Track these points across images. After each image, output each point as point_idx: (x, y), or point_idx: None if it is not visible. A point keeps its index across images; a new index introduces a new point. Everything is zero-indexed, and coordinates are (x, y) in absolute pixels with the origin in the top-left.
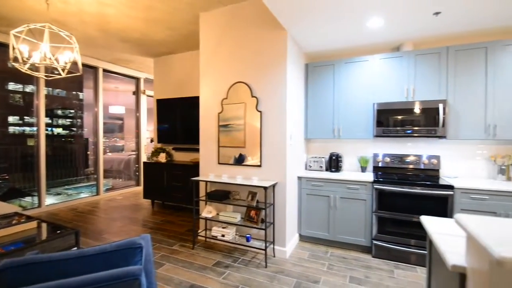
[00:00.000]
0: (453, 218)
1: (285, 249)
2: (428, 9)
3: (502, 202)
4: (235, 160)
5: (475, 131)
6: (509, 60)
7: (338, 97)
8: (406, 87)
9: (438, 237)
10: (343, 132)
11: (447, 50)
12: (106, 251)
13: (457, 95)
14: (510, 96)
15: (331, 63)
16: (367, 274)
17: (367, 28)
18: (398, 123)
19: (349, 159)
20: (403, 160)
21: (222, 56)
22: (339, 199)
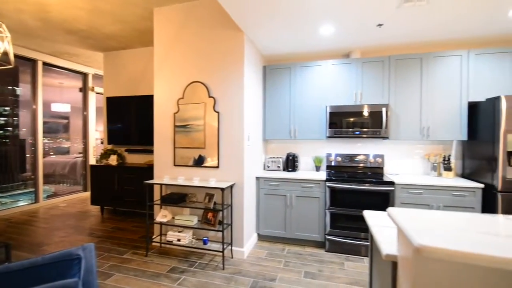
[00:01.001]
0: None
1: (243, 249)
2: (372, 21)
3: (434, 196)
4: (194, 162)
5: (412, 132)
6: (440, 70)
7: (294, 100)
8: (354, 92)
9: (376, 230)
10: (299, 133)
11: (389, 59)
12: (37, 264)
13: (397, 100)
14: (440, 102)
15: (288, 66)
16: (321, 268)
17: (320, 34)
18: (348, 125)
19: (305, 159)
20: (353, 159)
21: (178, 54)
22: (295, 198)
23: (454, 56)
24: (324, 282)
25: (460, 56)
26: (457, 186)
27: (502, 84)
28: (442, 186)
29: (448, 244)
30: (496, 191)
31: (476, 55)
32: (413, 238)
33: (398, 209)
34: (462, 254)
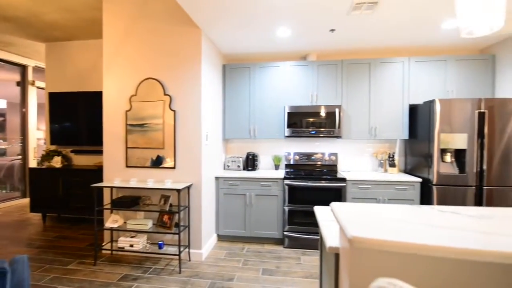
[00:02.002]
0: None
1: (202, 251)
2: (325, 26)
3: (380, 190)
4: (152, 162)
5: (362, 132)
6: (385, 75)
7: (253, 99)
8: (311, 93)
9: (323, 224)
10: (258, 132)
11: (342, 63)
12: None
13: (349, 101)
14: (386, 104)
15: (247, 66)
16: (278, 265)
17: (277, 36)
18: (305, 125)
19: (265, 158)
20: (310, 157)
21: (131, 48)
22: (255, 197)
23: (397, 62)
24: (281, 278)
25: (402, 63)
26: (399, 181)
27: (438, 88)
28: (387, 181)
29: (378, 235)
30: (432, 184)
31: (416, 62)
32: (347, 230)
33: (340, 203)
34: (389, 243)
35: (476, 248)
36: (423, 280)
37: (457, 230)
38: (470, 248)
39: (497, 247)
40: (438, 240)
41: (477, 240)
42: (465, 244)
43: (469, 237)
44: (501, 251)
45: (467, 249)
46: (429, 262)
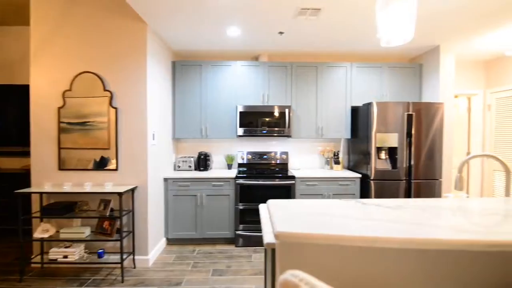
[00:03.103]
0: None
1: (148, 257)
2: (274, 28)
3: (326, 186)
4: (96, 164)
5: (310, 131)
6: (331, 78)
7: (205, 98)
8: (262, 93)
9: (264, 221)
10: (210, 132)
11: (291, 65)
12: None
13: (298, 102)
14: (331, 106)
15: (199, 64)
16: (229, 264)
17: (228, 35)
18: (257, 124)
19: (218, 157)
20: (262, 156)
21: (65, 38)
22: (206, 197)
23: (341, 67)
24: (231, 277)
25: (346, 68)
26: (342, 177)
27: (375, 92)
28: (331, 178)
29: (302, 229)
30: (370, 180)
31: (357, 68)
32: (274, 225)
33: (275, 201)
34: (311, 235)
35: (388, 236)
36: (347, 270)
37: (375, 221)
38: (381, 236)
39: (407, 234)
40: (356, 231)
41: (390, 229)
42: (379, 233)
43: (384, 226)
44: (410, 237)
45: (378, 237)
46: (352, 252)
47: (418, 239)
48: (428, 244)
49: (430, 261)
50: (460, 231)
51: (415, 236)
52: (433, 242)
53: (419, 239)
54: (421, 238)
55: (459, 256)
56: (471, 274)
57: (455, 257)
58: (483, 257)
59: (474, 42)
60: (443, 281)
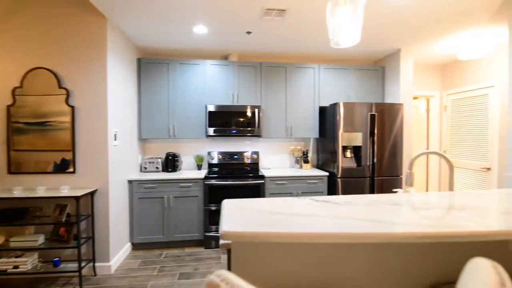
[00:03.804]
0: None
1: (110, 263)
2: (242, 28)
3: (295, 184)
4: (56, 167)
5: (279, 131)
6: (299, 79)
7: (173, 97)
8: (232, 93)
9: None
10: (178, 131)
11: (261, 65)
12: None
13: (268, 102)
14: (300, 106)
15: (166, 62)
16: (197, 267)
17: (195, 33)
18: (226, 124)
19: (187, 158)
20: (232, 156)
21: (14, 30)
22: (173, 199)
23: (309, 68)
24: (198, 280)
25: (314, 69)
26: (311, 175)
27: (342, 93)
28: (300, 176)
29: (250, 227)
30: (337, 177)
31: (324, 69)
32: (222, 224)
33: (231, 200)
34: (257, 234)
35: (332, 232)
36: (298, 266)
37: (321, 217)
38: (321, 232)
39: (348, 229)
40: (302, 228)
41: (333, 225)
42: (320, 228)
43: (328, 222)
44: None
45: (319, 233)
46: (304, 249)
47: (358, 233)
48: (368, 238)
49: (378, 254)
50: (399, 224)
51: (353, 231)
52: (372, 236)
53: (358, 234)
54: (361, 232)
55: (402, 248)
56: (413, 265)
57: (398, 249)
58: (426, 249)
59: (431, 46)
60: (390, 273)
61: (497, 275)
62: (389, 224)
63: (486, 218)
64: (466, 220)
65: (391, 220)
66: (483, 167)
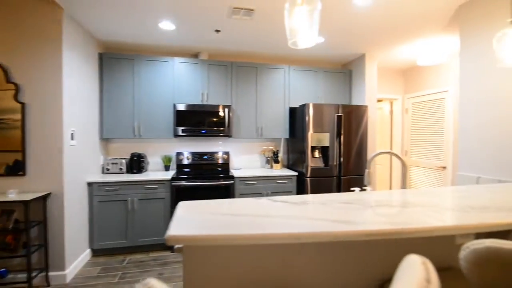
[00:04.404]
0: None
1: (66, 272)
2: (210, 26)
3: (265, 185)
4: (8, 169)
5: (250, 131)
6: (270, 79)
7: (138, 95)
8: (201, 92)
9: None
10: (145, 131)
11: (232, 65)
12: None
13: (238, 102)
14: (270, 106)
15: (131, 57)
16: (162, 271)
17: (161, 29)
18: (195, 124)
19: (154, 159)
20: (202, 157)
21: None
22: (138, 202)
23: (280, 69)
24: None
25: (284, 70)
26: (280, 175)
27: (311, 94)
28: (270, 176)
29: (198, 231)
30: (306, 177)
31: (294, 70)
32: (170, 228)
33: (186, 202)
34: (203, 237)
35: (281, 232)
36: (251, 268)
37: (273, 218)
38: (270, 233)
39: (302, 229)
40: (252, 229)
41: (286, 225)
42: (270, 229)
43: (279, 223)
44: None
45: (267, 234)
46: (257, 250)
47: (307, 233)
48: (318, 237)
49: (331, 252)
50: (348, 222)
51: (303, 231)
52: (323, 235)
53: (308, 233)
54: (311, 232)
55: (354, 246)
56: (364, 263)
57: (350, 247)
58: (376, 246)
59: (393, 52)
60: (343, 271)
61: (425, 271)
62: (338, 223)
63: (433, 215)
64: (416, 217)
65: (340, 219)
66: (439, 166)
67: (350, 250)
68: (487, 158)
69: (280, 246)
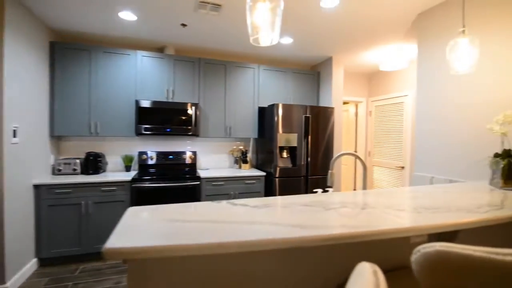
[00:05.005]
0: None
1: (6, 285)
2: (175, 19)
3: (232, 185)
4: None
5: (219, 130)
6: (239, 78)
7: (96, 89)
8: (166, 88)
9: None
10: (102, 128)
11: (199, 61)
12: None
13: (206, 100)
14: (239, 105)
15: (87, 48)
16: (119, 280)
17: (122, 19)
18: (160, 122)
19: (114, 158)
20: (167, 156)
21: None
22: (93, 205)
23: (249, 68)
24: None
25: (254, 69)
26: (248, 176)
27: (280, 94)
28: (237, 177)
29: (141, 242)
30: (274, 177)
31: (264, 70)
32: (109, 240)
33: (136, 208)
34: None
35: (229, 241)
36: (202, 278)
37: (230, 223)
38: (215, 242)
39: (255, 237)
40: (204, 237)
41: (241, 231)
42: (225, 237)
43: (236, 229)
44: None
45: (213, 243)
46: (208, 259)
47: (261, 240)
48: (272, 244)
49: (289, 258)
50: (299, 227)
51: (255, 238)
52: (277, 242)
53: (261, 241)
54: (265, 239)
55: (311, 251)
56: (321, 267)
57: (307, 252)
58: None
59: (359, 57)
60: (301, 276)
61: (374, 283)
62: (295, 228)
63: (388, 217)
64: (371, 219)
65: (297, 223)
66: (398, 166)
67: (311, 254)
68: (440, 159)
69: (239, 254)
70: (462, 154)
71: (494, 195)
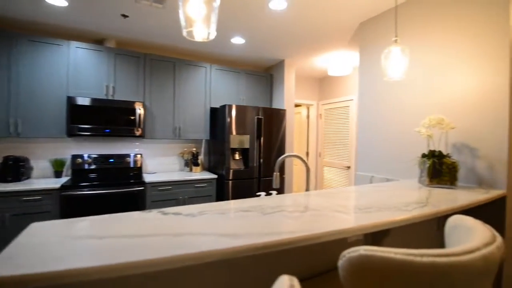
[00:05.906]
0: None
1: None
2: (115, 9)
3: (181, 190)
4: None
5: (167, 132)
6: (190, 77)
7: (17, 82)
8: (106, 84)
9: None
10: (26, 128)
11: (145, 57)
12: None
13: (153, 99)
14: (190, 105)
15: (8, 35)
16: None
17: (50, 5)
18: (97, 122)
19: (41, 163)
20: (107, 160)
21: None
22: (12, 218)
23: (201, 67)
24: None
25: (205, 68)
26: (198, 179)
27: (233, 95)
28: (187, 180)
29: (28, 268)
30: (226, 180)
31: (216, 70)
32: None
33: (41, 223)
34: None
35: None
36: None
37: (155, 236)
38: (133, 261)
39: (185, 250)
40: (120, 256)
41: (165, 246)
42: (144, 254)
43: (161, 243)
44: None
45: (129, 262)
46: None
47: (186, 255)
48: (200, 258)
49: (231, 266)
50: (231, 236)
51: (180, 253)
52: (206, 255)
53: (186, 255)
54: (192, 253)
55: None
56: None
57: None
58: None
59: (309, 61)
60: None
61: None
62: (226, 238)
63: (322, 221)
64: (306, 223)
65: (231, 232)
66: (345, 166)
67: (249, 262)
68: (378, 159)
69: (175, 269)
70: (397, 155)
71: (421, 192)
